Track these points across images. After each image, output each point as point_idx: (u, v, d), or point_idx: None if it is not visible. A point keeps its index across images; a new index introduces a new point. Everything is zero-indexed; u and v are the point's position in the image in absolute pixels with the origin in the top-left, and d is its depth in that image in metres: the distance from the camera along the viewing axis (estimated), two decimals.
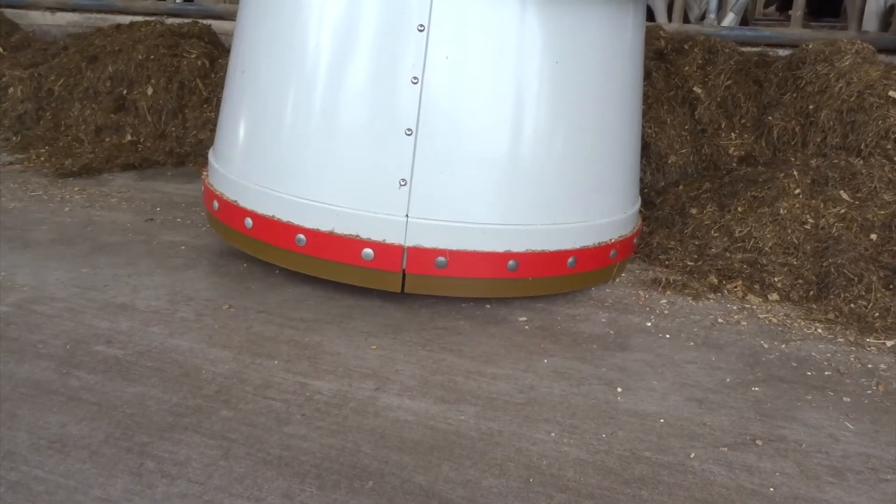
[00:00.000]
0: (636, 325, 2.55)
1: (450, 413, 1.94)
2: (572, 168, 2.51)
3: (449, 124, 2.35)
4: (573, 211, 2.54)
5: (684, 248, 3.12)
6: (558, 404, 2.02)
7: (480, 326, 2.46)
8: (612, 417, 1.97)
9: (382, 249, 2.38)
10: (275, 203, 2.49)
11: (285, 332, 2.32)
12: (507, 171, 2.41)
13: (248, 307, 2.47)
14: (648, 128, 3.80)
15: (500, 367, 2.20)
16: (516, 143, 2.41)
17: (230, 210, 2.65)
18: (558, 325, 2.51)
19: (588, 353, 2.33)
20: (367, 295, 2.62)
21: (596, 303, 2.71)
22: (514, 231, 2.44)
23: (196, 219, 3.34)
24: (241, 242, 2.66)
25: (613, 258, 2.72)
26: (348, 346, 2.26)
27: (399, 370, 2.14)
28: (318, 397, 1.96)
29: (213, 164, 2.80)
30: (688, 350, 2.40)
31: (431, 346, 2.30)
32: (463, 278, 2.44)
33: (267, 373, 2.07)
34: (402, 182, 2.34)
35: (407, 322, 2.46)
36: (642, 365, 2.27)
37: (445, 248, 2.38)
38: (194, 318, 2.36)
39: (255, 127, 2.58)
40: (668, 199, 3.53)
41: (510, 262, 2.44)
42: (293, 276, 2.71)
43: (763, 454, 1.87)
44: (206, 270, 2.76)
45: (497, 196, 2.42)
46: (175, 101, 4.47)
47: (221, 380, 2.01)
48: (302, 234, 2.44)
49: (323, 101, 2.41)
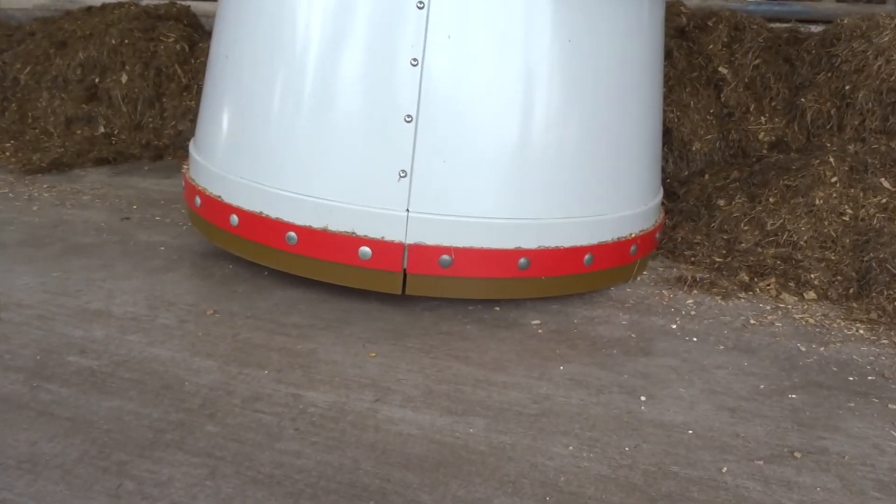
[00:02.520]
0: (660, 327, 2.55)
1: (457, 426, 1.93)
2: (588, 157, 2.51)
3: (452, 110, 2.34)
4: (589, 203, 2.53)
5: (711, 242, 3.12)
6: (576, 415, 2.01)
7: (489, 331, 2.46)
8: (635, 429, 1.97)
9: (381, 247, 2.38)
10: (263, 198, 2.49)
11: (276, 339, 2.32)
12: (516, 161, 2.41)
13: (234, 312, 2.47)
14: (670, 112, 3.79)
15: (511, 375, 2.19)
16: (526, 129, 2.41)
17: (214, 206, 2.64)
18: (575, 329, 2.51)
19: (608, 359, 2.32)
20: (364, 297, 2.62)
21: (616, 304, 2.71)
22: (524, 226, 2.43)
23: (176, 217, 3.33)
24: (226, 242, 2.66)
25: (634, 255, 2.71)
26: (345, 353, 2.26)
27: (401, 379, 2.14)
28: (312, 410, 1.96)
29: (195, 157, 2.80)
30: (717, 354, 2.39)
31: (436, 353, 2.30)
32: (469, 278, 2.44)
33: (256, 384, 2.06)
34: (402, 174, 2.35)
35: (408, 327, 2.45)
36: (668, 371, 2.27)
37: (450, 246, 2.38)
38: (176, 325, 2.36)
39: (241, 115, 2.58)
40: (693, 190, 3.52)
41: (521, 260, 2.43)
42: (283, 277, 2.71)
43: (802, 468, 1.86)
44: (188, 273, 2.76)
45: (506, 188, 2.42)
46: (152, 90, 4.47)
47: (206, 392, 2.01)
48: (293, 232, 2.44)
49: (314, 86, 2.40)
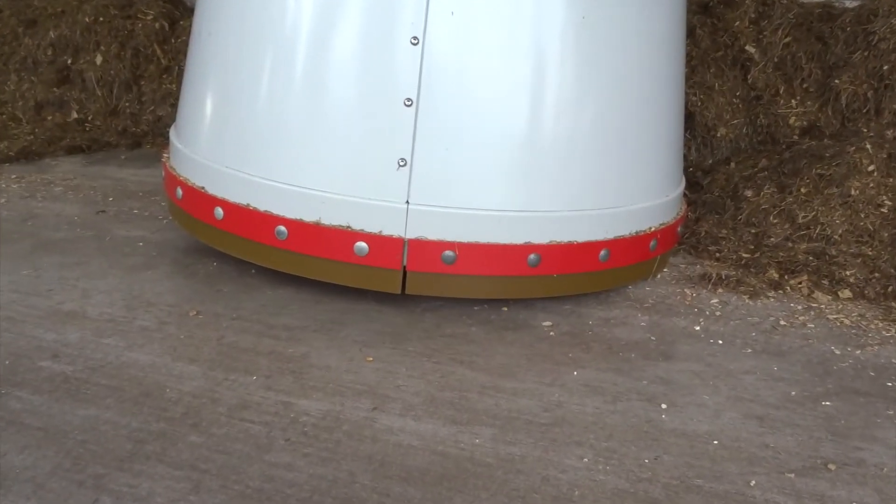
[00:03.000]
0: (682, 329, 2.55)
1: (462, 436, 1.93)
2: (603, 144, 2.50)
3: (455, 93, 2.33)
4: (605, 195, 2.53)
5: (738, 237, 3.11)
6: (591, 424, 2.01)
7: (496, 333, 2.46)
8: (655, 439, 1.97)
9: (379, 243, 2.38)
10: (250, 189, 2.48)
11: (264, 342, 2.32)
12: (526, 149, 2.40)
13: (219, 314, 2.47)
14: (693, 95, 3.78)
15: (520, 381, 2.19)
16: (536, 114, 2.40)
17: (197, 198, 2.64)
18: (589, 331, 2.51)
19: (625, 364, 2.32)
20: (361, 297, 2.61)
21: (634, 303, 2.71)
22: (535, 219, 2.42)
23: (156, 210, 3.33)
24: (210, 237, 2.65)
25: (654, 250, 2.71)
26: (340, 358, 2.26)
27: (400, 386, 2.13)
28: (304, 419, 1.96)
29: (176, 145, 2.79)
30: (745, 358, 2.39)
31: (438, 358, 2.29)
32: (475, 276, 2.43)
33: (243, 391, 2.06)
34: (402, 162, 2.34)
35: (409, 329, 2.45)
36: (690, 376, 2.27)
37: (453, 241, 2.38)
38: (156, 328, 2.36)
39: (226, 99, 2.57)
40: (718, 180, 3.52)
41: (531, 257, 2.43)
42: (273, 276, 2.70)
43: (837, 481, 1.85)
44: (169, 271, 2.76)
45: (515, 178, 2.41)
46: (129, 72, 4.47)
47: (189, 400, 2.01)
48: (283, 226, 2.44)
49: (306, 67, 2.40)
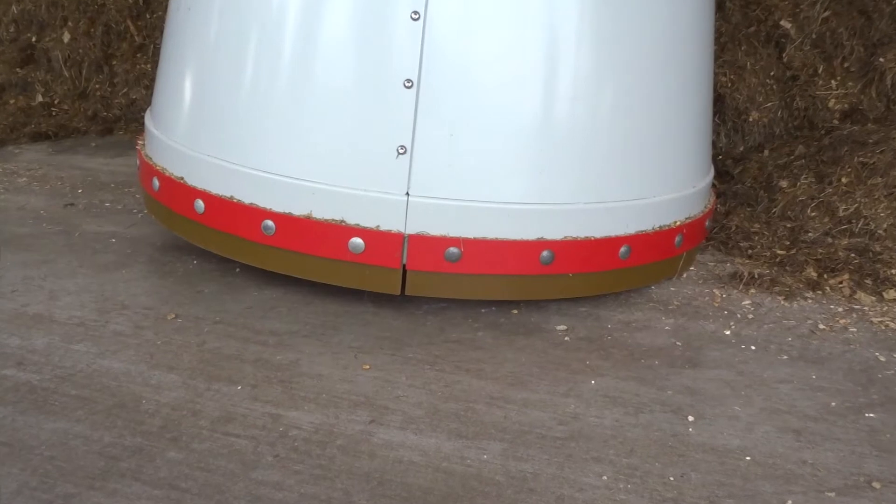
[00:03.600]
0: (711, 333, 2.55)
1: (468, 451, 1.93)
2: (624, 129, 2.50)
3: (461, 73, 2.33)
4: (626, 186, 2.53)
5: (772, 232, 3.11)
6: (611, 438, 2.01)
7: (506, 338, 2.46)
8: (681, 455, 1.97)
9: (376, 239, 2.38)
10: (234, 180, 2.48)
11: (250, 348, 2.32)
12: (539, 135, 2.40)
13: (200, 317, 2.47)
14: (722, 75, 3.77)
15: (532, 391, 2.19)
16: (551, 96, 2.40)
17: (175, 190, 2.64)
18: (608, 336, 2.51)
19: (648, 372, 2.32)
20: (356, 299, 2.62)
21: (657, 305, 2.71)
22: (548, 213, 2.42)
23: (130, 202, 3.33)
24: (189, 232, 2.66)
25: (679, 247, 2.71)
26: (333, 365, 2.26)
27: (400, 397, 2.14)
28: (294, 433, 1.96)
29: (152, 131, 2.80)
30: (780, 365, 2.39)
31: (442, 365, 2.30)
32: (482, 275, 2.43)
33: (227, 402, 2.06)
34: (401, 150, 2.34)
35: (409, 334, 2.46)
36: (720, 385, 2.27)
37: (458, 236, 2.38)
38: (131, 333, 2.36)
39: (207, 80, 2.57)
40: (750, 169, 3.51)
41: (544, 254, 2.43)
42: (259, 275, 2.71)
43: (882, 500, 1.85)
44: (145, 270, 2.77)
45: (526, 167, 2.41)
46: (99, 50, 4.47)
47: (168, 412, 2.01)
48: (270, 221, 2.44)
49: (295, 44, 2.40)
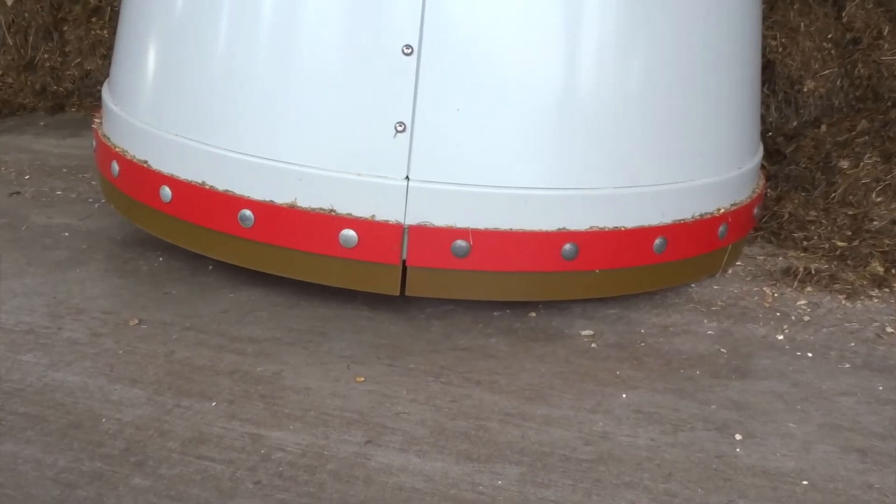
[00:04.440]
0: (761, 338, 2.54)
1: (480, 477, 1.92)
2: (658, 102, 2.49)
3: (469, 37, 2.33)
4: (660, 167, 2.52)
5: (831, 220, 3.10)
6: (645, 461, 2.01)
7: (523, 345, 2.46)
8: (727, 479, 1.96)
9: (371, 231, 2.38)
10: (206, 163, 2.48)
11: (226, 358, 2.31)
12: (558, 109, 2.40)
13: (167, 322, 2.47)
14: (772, 38, 3.76)
15: (554, 406, 2.19)
16: (573, 64, 2.40)
17: (138, 175, 2.64)
18: (642, 342, 2.51)
19: (689, 383, 2.31)
20: (349, 300, 2.61)
21: (698, 306, 2.70)
22: (571, 199, 2.42)
23: (85, 190, 3.33)
24: (154, 224, 2.66)
25: (723, 238, 2.70)
26: (322, 378, 2.25)
27: (400, 413, 2.13)
28: (278, 456, 1.96)
29: (111, 107, 2.79)
30: (841, 375, 2.38)
31: (449, 377, 2.29)
32: (494, 272, 2.43)
33: (200, 420, 2.06)
34: (400, 127, 2.34)
35: (410, 341, 2.45)
36: (772, 399, 2.26)
37: (467, 227, 2.37)
38: (87, 341, 2.36)
39: (175, 47, 2.57)
40: (805, 148, 3.50)
41: (566, 247, 2.43)
42: (236, 273, 2.70)
43: None
44: (103, 268, 2.76)
45: (545, 146, 2.41)
46: (48, 14, 4.46)
47: (131, 432, 2.01)
48: (248, 211, 2.43)
49: (276, 5, 2.39)
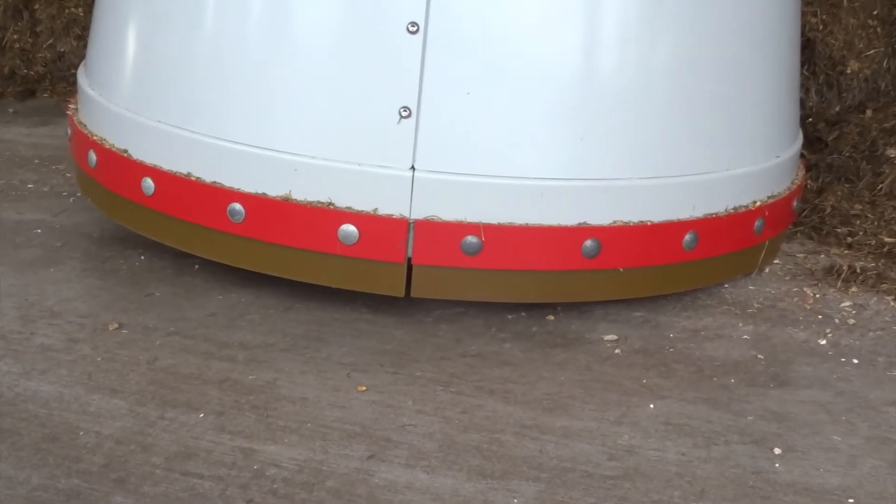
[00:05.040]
0: (801, 343, 2.55)
1: (494, 495, 1.93)
2: (687, 84, 2.50)
3: (480, 13, 2.34)
4: (691, 156, 2.53)
5: (878, 214, 3.10)
6: (675, 477, 2.01)
7: (540, 351, 2.46)
8: (766, 497, 1.96)
9: (373, 226, 2.38)
10: (192, 152, 2.49)
11: (214, 366, 2.32)
12: (579, 91, 2.40)
13: (150, 326, 2.48)
14: (812, 15, 3.75)
15: (575, 418, 2.19)
16: (593, 43, 2.41)
17: (117, 166, 2.65)
18: (671, 347, 2.51)
19: (722, 393, 2.32)
20: (348, 302, 2.62)
21: (732, 308, 2.70)
22: (592, 191, 2.43)
23: (59, 183, 3.34)
24: (136, 219, 2.67)
25: (760, 233, 2.71)
26: (320, 387, 2.26)
27: (406, 426, 2.13)
28: (272, 472, 1.96)
29: (87, 92, 2.81)
30: (890, 383, 2.38)
31: (459, 386, 2.29)
32: (508, 271, 2.44)
33: (187, 433, 2.06)
34: (404, 112, 2.34)
35: (416, 347, 2.45)
36: (814, 409, 2.26)
37: (478, 222, 2.38)
38: (63, 347, 2.37)
39: (157, 26, 2.58)
40: (849, 135, 3.50)
41: (587, 243, 2.43)
42: (225, 273, 2.71)
43: None
44: (80, 267, 2.77)
45: (563, 133, 2.41)
46: None
47: (111, 446, 2.01)
48: (238, 204, 2.44)
49: None
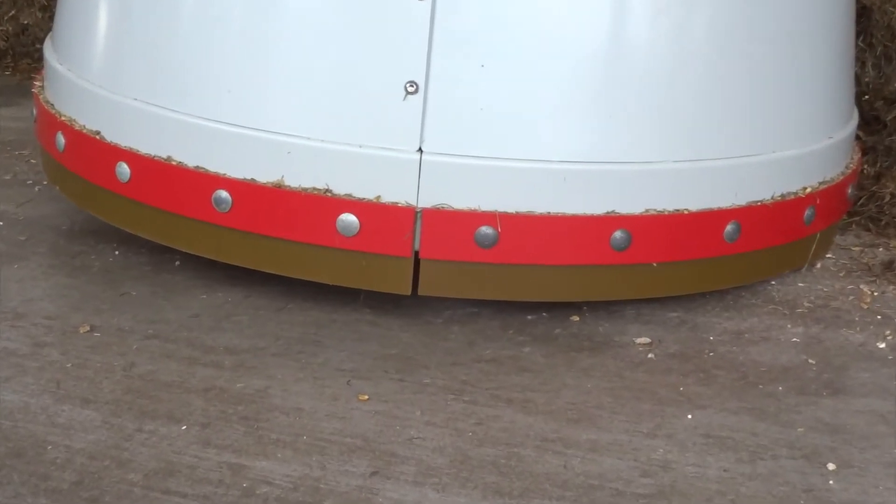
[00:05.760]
0: (857, 347, 2.55)
1: None
2: (728, 56, 2.51)
3: None
4: (732, 136, 2.53)
5: None
6: (717, 495, 2.01)
7: (564, 356, 2.47)
8: None
9: (376, 215, 2.39)
10: (173, 134, 2.50)
11: (198, 373, 2.33)
12: (607, 63, 2.41)
13: (126, 329, 2.48)
14: None
15: (603, 430, 2.19)
16: (623, 8, 2.42)
17: (89, 150, 2.66)
18: (711, 351, 2.51)
19: (769, 402, 2.32)
20: (348, 301, 2.63)
21: (780, 308, 2.71)
22: (622, 176, 2.43)
23: (23, 170, 3.36)
24: (110, 210, 2.68)
25: (810, 224, 2.71)
26: (317, 396, 2.26)
27: (414, 439, 2.13)
28: (264, 491, 1.96)
29: (55, 67, 2.82)
30: None
31: (473, 394, 2.29)
32: (527, 266, 2.44)
33: (168, 447, 2.06)
34: (411, 87, 2.35)
35: (425, 351, 2.46)
36: (872, 420, 2.26)
37: (493, 211, 2.39)
38: (28, 352, 2.37)
39: None
40: None
41: (616, 235, 2.43)
42: (210, 269, 2.72)
43: None
44: (47, 264, 2.79)
45: (589, 110, 2.42)
46: None
47: (84, 462, 2.01)
48: (224, 191, 2.45)
49: None
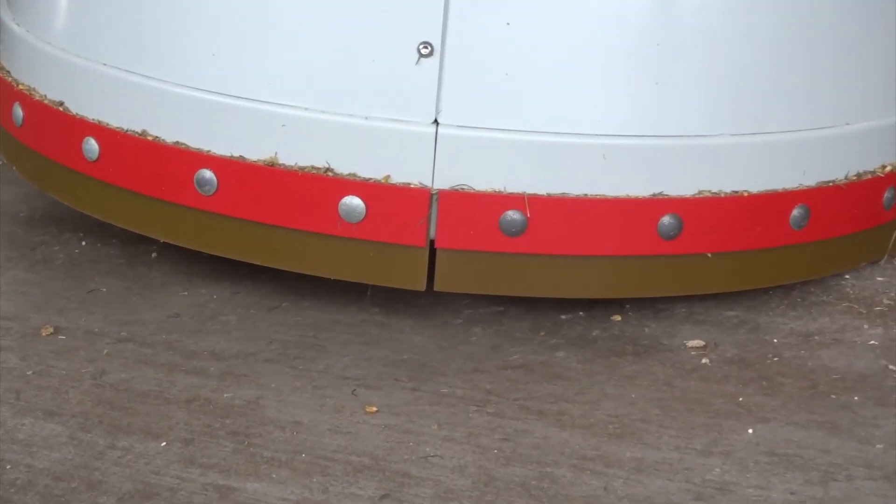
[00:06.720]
0: None
1: None
2: (793, 14, 2.52)
3: None
4: (799, 106, 2.55)
5: None
6: None
7: (604, 361, 2.48)
8: None
9: (385, 198, 2.41)
10: (148, 105, 2.53)
11: (180, 381, 2.34)
12: (654, 21, 2.43)
13: (95, 331, 2.50)
14: None
15: (650, 447, 2.20)
16: None
17: (51, 123, 2.69)
18: (774, 356, 2.53)
19: (843, 414, 2.32)
20: (353, 299, 2.65)
21: (855, 306, 2.72)
22: (670, 151, 2.45)
23: None
24: (75, 194, 2.71)
25: (891, 208, 2.73)
26: (317, 407, 2.28)
27: (430, 457, 2.14)
28: None
29: (11, 28, 2.85)
30: None
31: (499, 406, 2.31)
32: (561, 257, 2.46)
33: (144, 467, 2.07)
34: (425, 49, 2.36)
35: (441, 356, 2.48)
36: None
37: (521, 193, 2.40)
38: None
39: None
40: None
41: (665, 220, 2.45)
42: (191, 262, 2.75)
43: None
44: (4, 256, 2.81)
45: (632, 75, 2.45)
46: None
47: (48, 483, 2.02)
48: (208, 171, 2.47)
49: None
